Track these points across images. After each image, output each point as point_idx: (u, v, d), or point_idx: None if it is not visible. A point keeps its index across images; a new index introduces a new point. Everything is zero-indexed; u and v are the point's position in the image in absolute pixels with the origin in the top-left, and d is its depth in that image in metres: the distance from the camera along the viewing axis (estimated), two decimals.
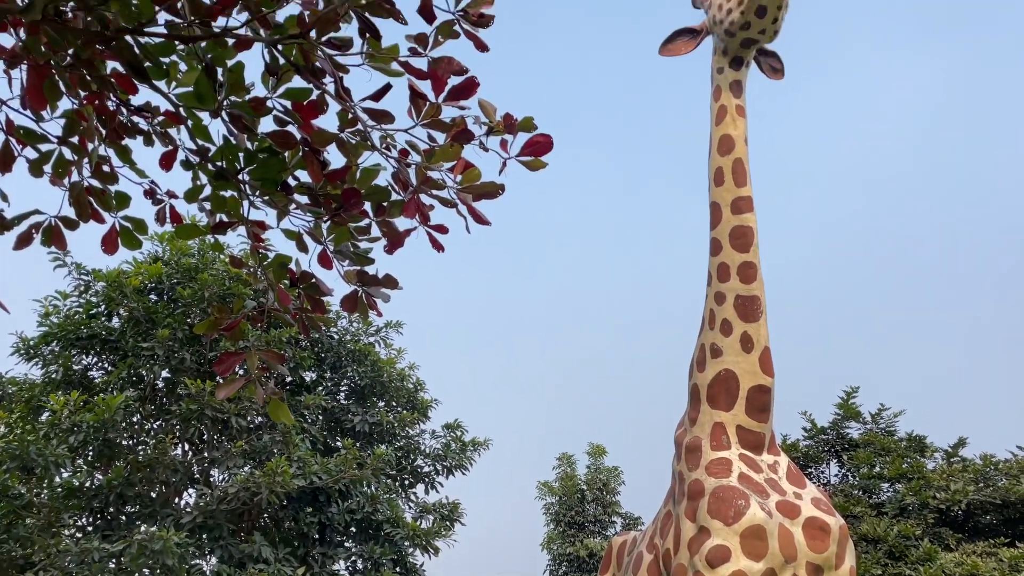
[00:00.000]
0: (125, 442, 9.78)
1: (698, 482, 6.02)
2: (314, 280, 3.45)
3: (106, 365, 10.61)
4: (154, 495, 10.02)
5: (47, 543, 7.76)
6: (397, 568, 10.72)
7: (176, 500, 10.36)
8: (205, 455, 10.22)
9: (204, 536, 9.27)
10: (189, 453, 10.51)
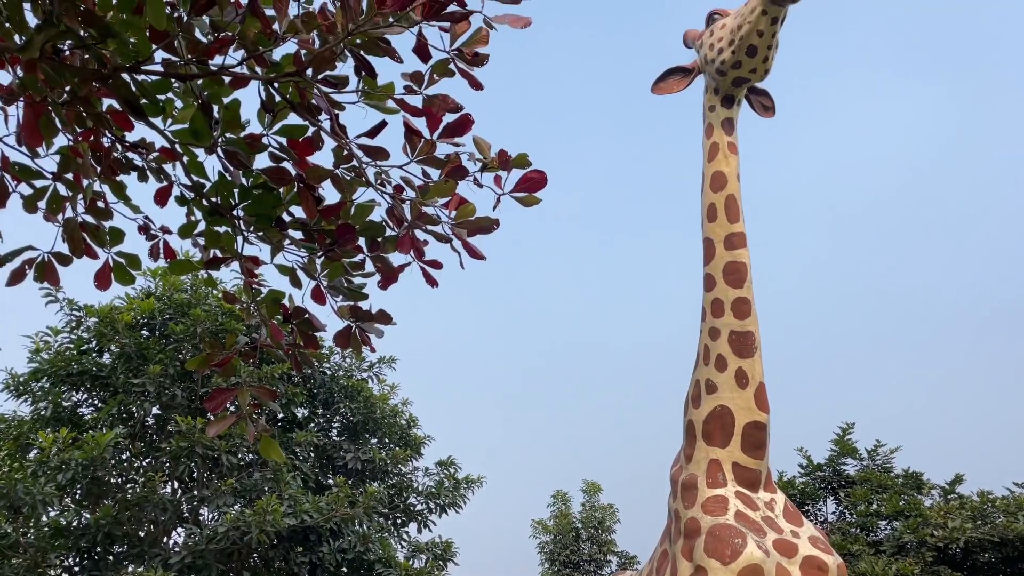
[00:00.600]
0: (114, 480, 9.65)
1: (694, 520, 5.96)
2: (307, 316, 3.44)
3: (96, 402, 10.52)
4: (142, 534, 9.86)
5: None
6: None
7: (165, 539, 10.19)
8: (195, 493, 10.08)
9: None
10: (179, 491, 10.37)
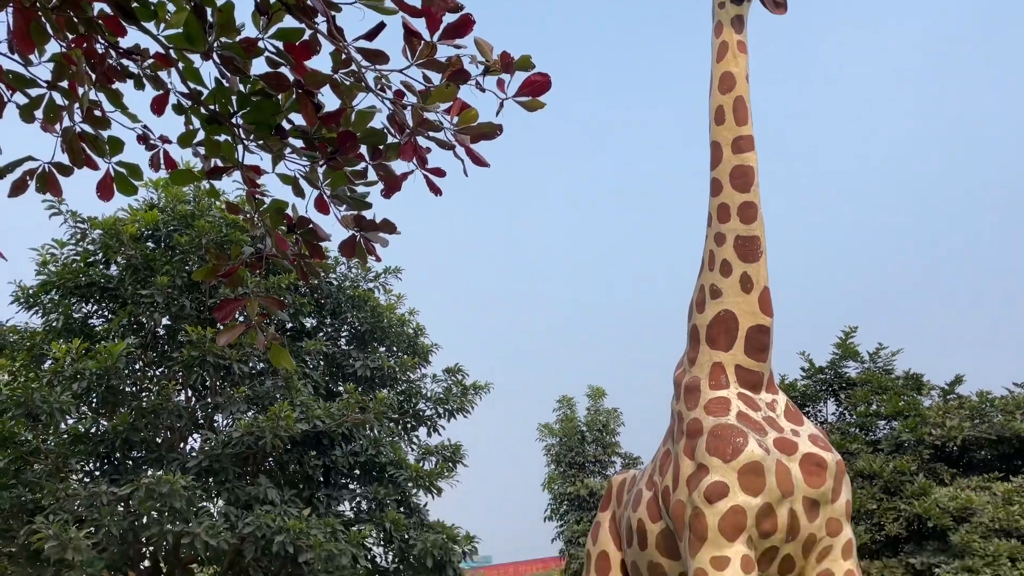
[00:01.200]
0: (129, 389, 9.86)
1: (697, 421, 6.10)
2: (312, 226, 3.42)
3: (106, 313, 10.63)
4: (159, 440, 10.14)
5: (56, 488, 7.90)
6: (401, 508, 10.92)
7: (181, 445, 10.50)
8: (208, 401, 10.31)
9: (210, 480, 9.42)
10: (192, 399, 10.61)
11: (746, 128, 6.39)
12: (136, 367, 10.26)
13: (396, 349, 12.56)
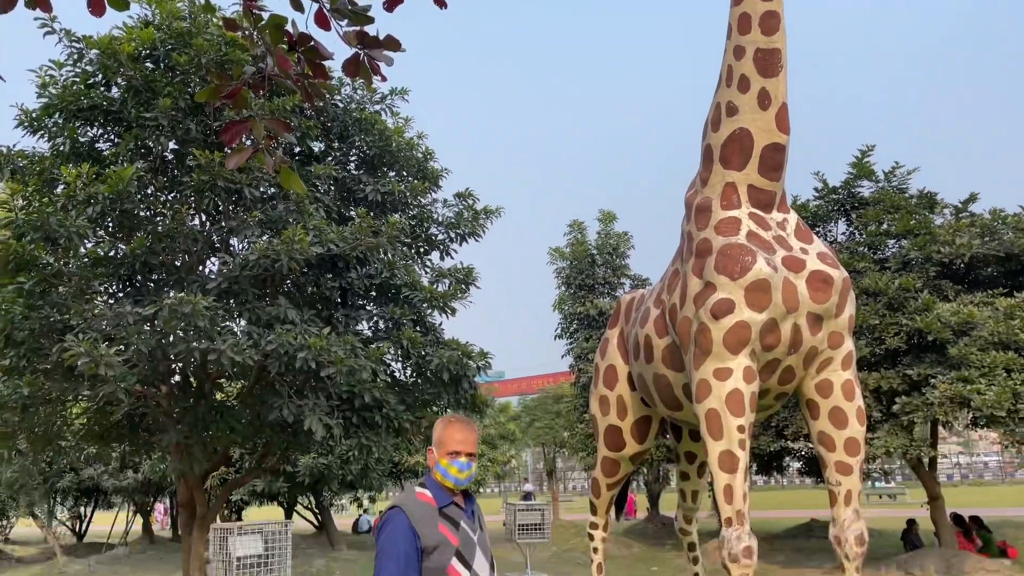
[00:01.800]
0: (143, 214, 9.93)
1: (706, 240, 6.14)
2: (313, 43, 3.31)
3: (112, 137, 10.51)
4: (178, 264, 10.34)
5: (82, 308, 8.16)
6: (417, 328, 11.26)
7: (200, 268, 10.71)
8: (222, 225, 10.40)
9: (231, 301, 9.70)
10: (207, 223, 10.70)
11: None
12: (148, 192, 10.27)
13: (406, 174, 12.47)
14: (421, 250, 12.29)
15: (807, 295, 5.79)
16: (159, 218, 10.00)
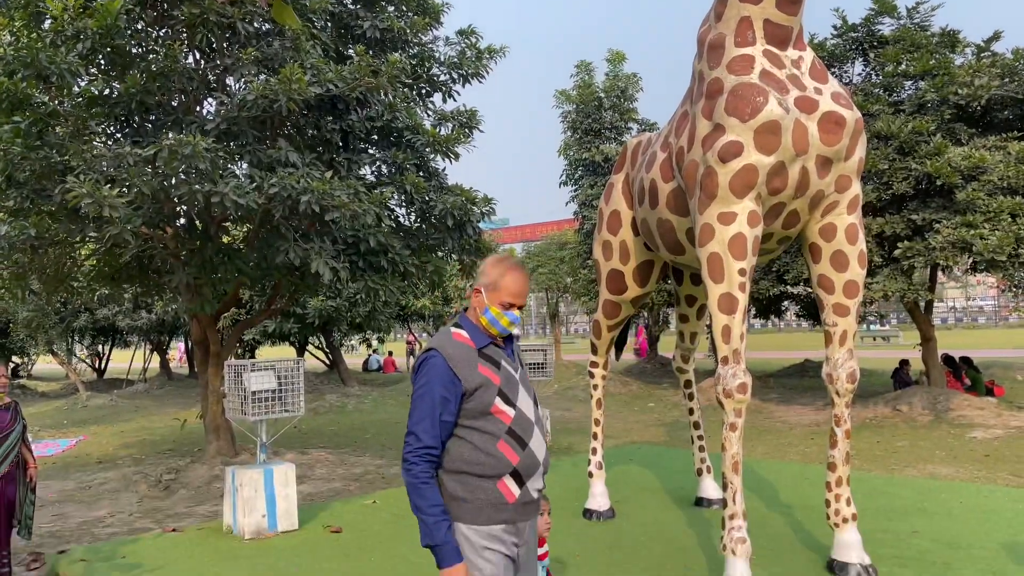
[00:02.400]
0: (134, 50, 9.59)
1: (718, 80, 5.93)
2: None
3: None
4: (175, 104, 10.11)
5: (80, 149, 8.04)
6: (420, 173, 11.17)
7: (197, 109, 10.48)
8: (217, 63, 10.07)
9: (231, 143, 9.55)
10: (201, 61, 10.36)
11: None
12: (138, 28, 9.87)
13: (405, 8, 11.95)
14: (423, 91, 11.97)
15: (818, 137, 5.66)
16: (151, 55, 9.66)
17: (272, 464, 8.48)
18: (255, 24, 9.71)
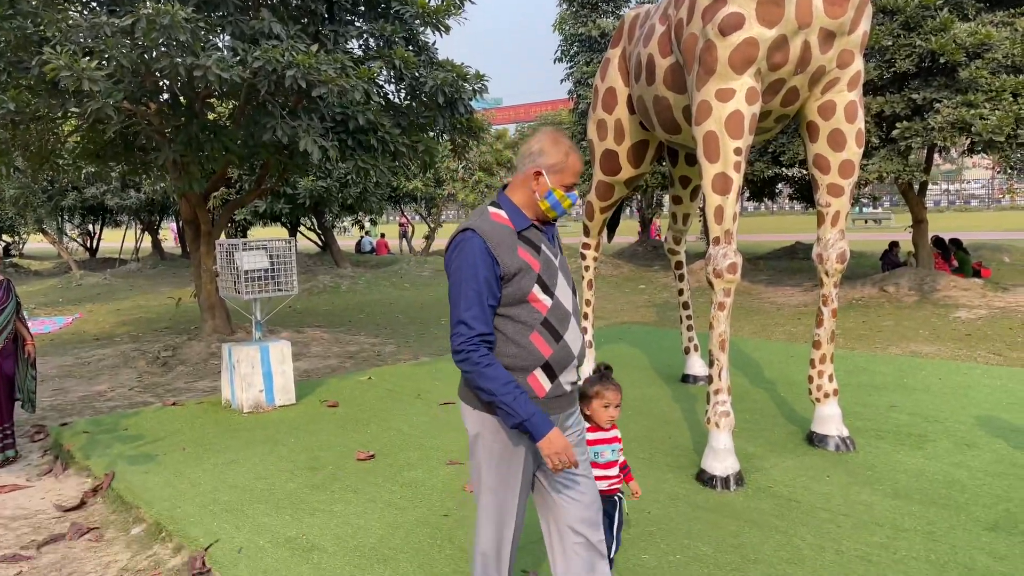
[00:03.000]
0: None
1: None
2: None
3: None
4: None
5: (55, 18, 7.70)
6: (409, 47, 10.79)
7: None
8: None
9: (212, 14, 9.16)
10: None
11: None
12: None
13: None
14: None
15: (822, 9, 5.44)
16: None
17: (268, 341, 8.61)
18: None
